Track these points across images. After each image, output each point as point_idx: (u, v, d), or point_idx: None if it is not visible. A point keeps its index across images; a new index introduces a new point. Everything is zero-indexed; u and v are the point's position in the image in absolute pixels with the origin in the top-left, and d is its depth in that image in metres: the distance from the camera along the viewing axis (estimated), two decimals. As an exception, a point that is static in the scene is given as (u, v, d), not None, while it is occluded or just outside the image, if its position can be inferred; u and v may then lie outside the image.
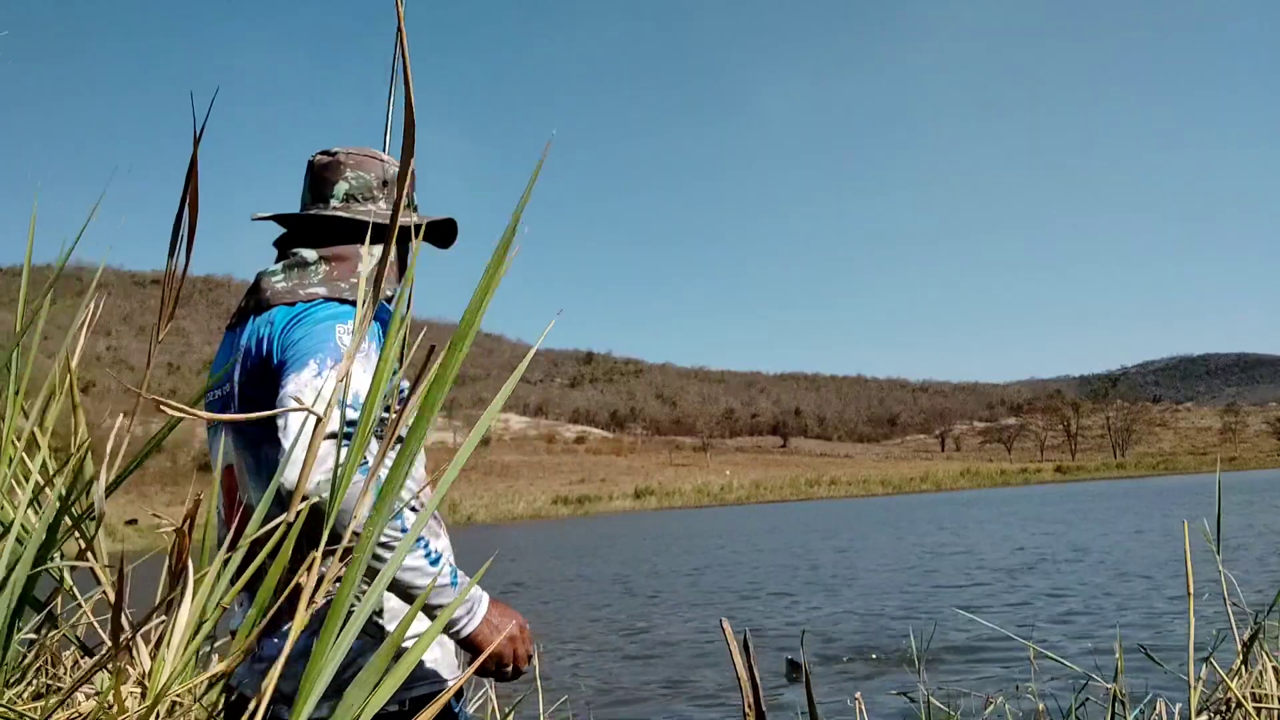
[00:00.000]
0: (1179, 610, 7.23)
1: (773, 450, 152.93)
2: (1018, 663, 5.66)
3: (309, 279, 1.24)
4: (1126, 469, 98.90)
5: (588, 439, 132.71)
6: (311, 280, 1.24)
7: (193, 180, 0.63)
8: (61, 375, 1.02)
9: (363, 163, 1.32)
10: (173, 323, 0.94)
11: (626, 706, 5.57)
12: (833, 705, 4.92)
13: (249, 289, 1.29)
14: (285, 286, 1.23)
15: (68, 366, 0.99)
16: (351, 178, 1.30)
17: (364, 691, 0.80)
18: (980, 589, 9.64)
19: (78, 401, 1.00)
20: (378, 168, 1.33)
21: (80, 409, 1.04)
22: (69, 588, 1.07)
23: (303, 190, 1.36)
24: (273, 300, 1.22)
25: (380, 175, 1.32)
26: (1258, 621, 2.19)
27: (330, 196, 1.30)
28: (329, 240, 1.29)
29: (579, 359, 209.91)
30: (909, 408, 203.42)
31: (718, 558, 16.90)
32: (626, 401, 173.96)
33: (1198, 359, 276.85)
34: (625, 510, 67.71)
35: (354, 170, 1.30)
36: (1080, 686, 2.67)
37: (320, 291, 1.21)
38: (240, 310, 1.31)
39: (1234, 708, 2.15)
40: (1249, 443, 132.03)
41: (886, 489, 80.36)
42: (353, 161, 1.31)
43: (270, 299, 1.23)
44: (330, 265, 1.26)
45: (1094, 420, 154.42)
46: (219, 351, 1.39)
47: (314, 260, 1.26)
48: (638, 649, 7.58)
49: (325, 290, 1.22)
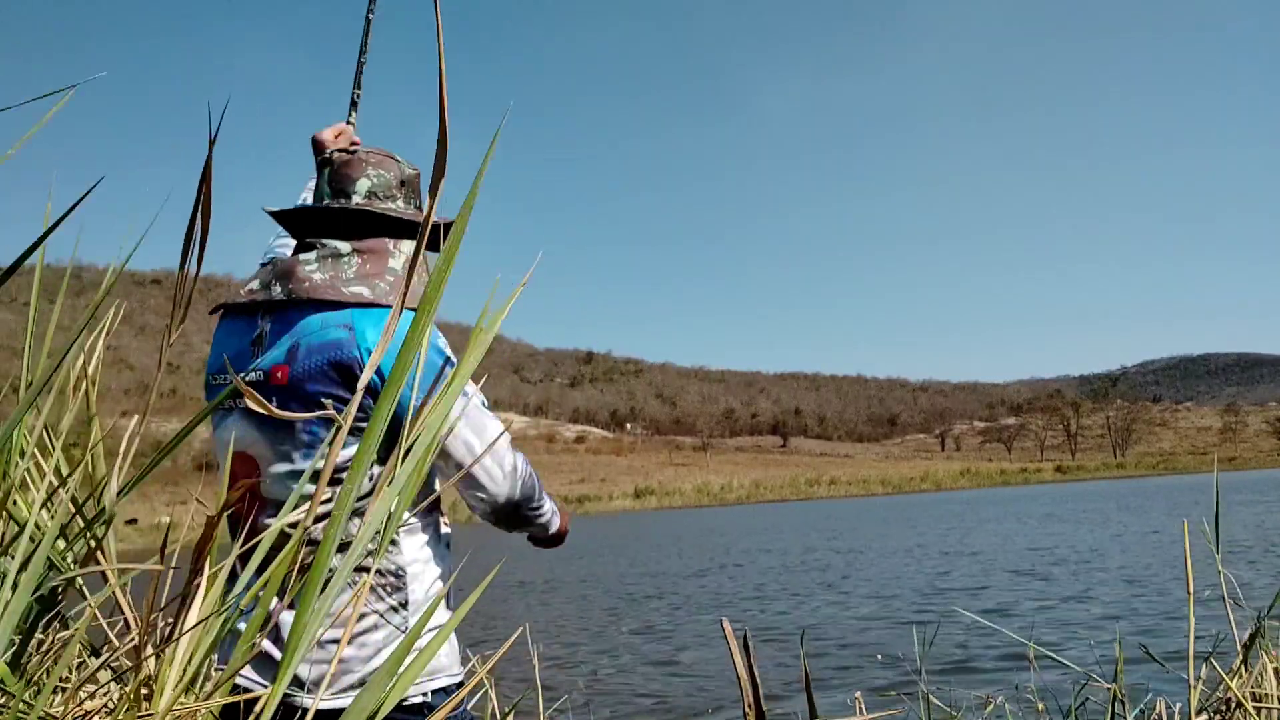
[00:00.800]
0: (1182, 610, 7.24)
1: (773, 450, 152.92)
2: (1018, 663, 5.67)
3: (344, 271, 1.28)
4: (1126, 469, 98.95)
5: (588, 439, 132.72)
6: (347, 273, 1.28)
7: (206, 185, 0.63)
8: (78, 378, 1.03)
9: (383, 162, 1.37)
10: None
11: (627, 706, 5.59)
12: (833, 705, 4.93)
13: (275, 272, 1.30)
14: (323, 279, 1.27)
15: (84, 368, 1.00)
16: (373, 175, 1.35)
17: (387, 680, 0.80)
18: (981, 589, 9.65)
19: (93, 400, 1.00)
20: (396, 168, 1.38)
21: (96, 411, 1.05)
22: (79, 586, 1.08)
23: (318, 184, 1.38)
24: (313, 293, 1.26)
25: (399, 175, 1.38)
26: (1259, 621, 2.19)
27: (353, 192, 1.34)
28: (355, 234, 1.33)
29: (579, 359, 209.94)
30: (909, 407, 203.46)
31: (720, 558, 16.92)
32: (626, 401, 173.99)
33: (1198, 359, 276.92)
34: (625, 510, 67.73)
35: (375, 169, 1.35)
36: (1080, 686, 2.68)
37: (363, 291, 1.26)
38: (262, 293, 1.31)
39: (1234, 708, 2.16)
40: (1249, 442, 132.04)
41: (886, 489, 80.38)
42: (374, 160, 1.36)
43: (309, 291, 1.26)
44: (362, 258, 1.30)
45: (1094, 420, 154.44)
46: (225, 334, 1.36)
47: (347, 252, 1.30)
48: (638, 648, 7.59)
49: (367, 290, 1.26)
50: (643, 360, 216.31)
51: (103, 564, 0.84)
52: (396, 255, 1.32)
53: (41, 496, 0.76)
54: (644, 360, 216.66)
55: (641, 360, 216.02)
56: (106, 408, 1.23)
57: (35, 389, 0.64)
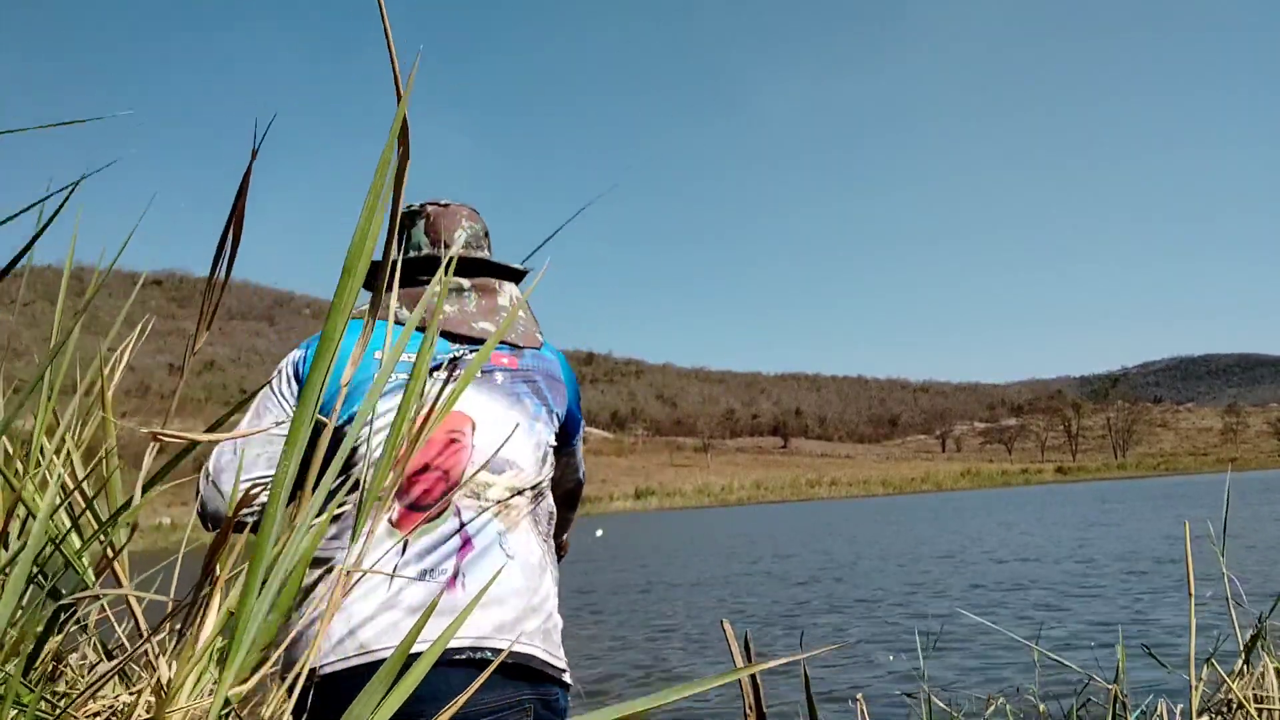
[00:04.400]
0: (1183, 611, 7.24)
1: (773, 451, 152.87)
2: (1019, 663, 5.68)
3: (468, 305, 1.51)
4: (1127, 469, 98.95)
5: (588, 439, 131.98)
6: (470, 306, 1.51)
7: (241, 201, 0.64)
8: (93, 382, 1.04)
9: (472, 215, 1.59)
10: (174, 323, 0.97)
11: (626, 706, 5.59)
12: (833, 704, 4.93)
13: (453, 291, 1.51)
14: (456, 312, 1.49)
15: (100, 370, 1.01)
16: (467, 227, 1.55)
17: (373, 699, 0.80)
18: (983, 589, 9.66)
19: (109, 402, 1.01)
20: (481, 221, 1.61)
21: (111, 414, 1.06)
22: (91, 584, 1.09)
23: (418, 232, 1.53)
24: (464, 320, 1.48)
25: (483, 227, 1.60)
26: (1260, 623, 2.20)
27: (451, 242, 1.52)
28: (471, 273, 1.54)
29: (579, 359, 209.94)
30: (909, 408, 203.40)
31: (720, 557, 16.92)
32: (627, 402, 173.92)
33: (1199, 359, 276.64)
34: (626, 510, 67.69)
35: (469, 221, 1.56)
36: (1081, 687, 2.69)
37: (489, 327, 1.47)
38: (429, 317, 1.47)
39: (1235, 709, 2.17)
40: (1250, 443, 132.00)
41: (887, 489, 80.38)
42: (465, 213, 1.57)
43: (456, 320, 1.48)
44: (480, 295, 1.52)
45: (1095, 421, 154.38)
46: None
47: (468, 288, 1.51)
48: (639, 649, 7.60)
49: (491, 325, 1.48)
50: (643, 361, 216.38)
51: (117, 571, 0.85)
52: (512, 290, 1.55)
53: (53, 491, 0.77)
54: (644, 361, 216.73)
55: (642, 361, 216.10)
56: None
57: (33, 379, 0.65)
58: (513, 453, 1.34)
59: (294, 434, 0.72)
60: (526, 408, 1.41)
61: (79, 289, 1.50)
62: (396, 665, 0.77)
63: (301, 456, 0.76)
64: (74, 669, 1.79)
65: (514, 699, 1.22)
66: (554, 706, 1.29)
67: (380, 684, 0.80)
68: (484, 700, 1.18)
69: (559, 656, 1.31)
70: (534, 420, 1.40)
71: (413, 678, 0.77)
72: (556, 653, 1.31)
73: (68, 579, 1.08)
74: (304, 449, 0.74)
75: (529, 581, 1.29)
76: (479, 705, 1.17)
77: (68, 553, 1.03)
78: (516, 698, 1.22)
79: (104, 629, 1.52)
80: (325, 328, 0.72)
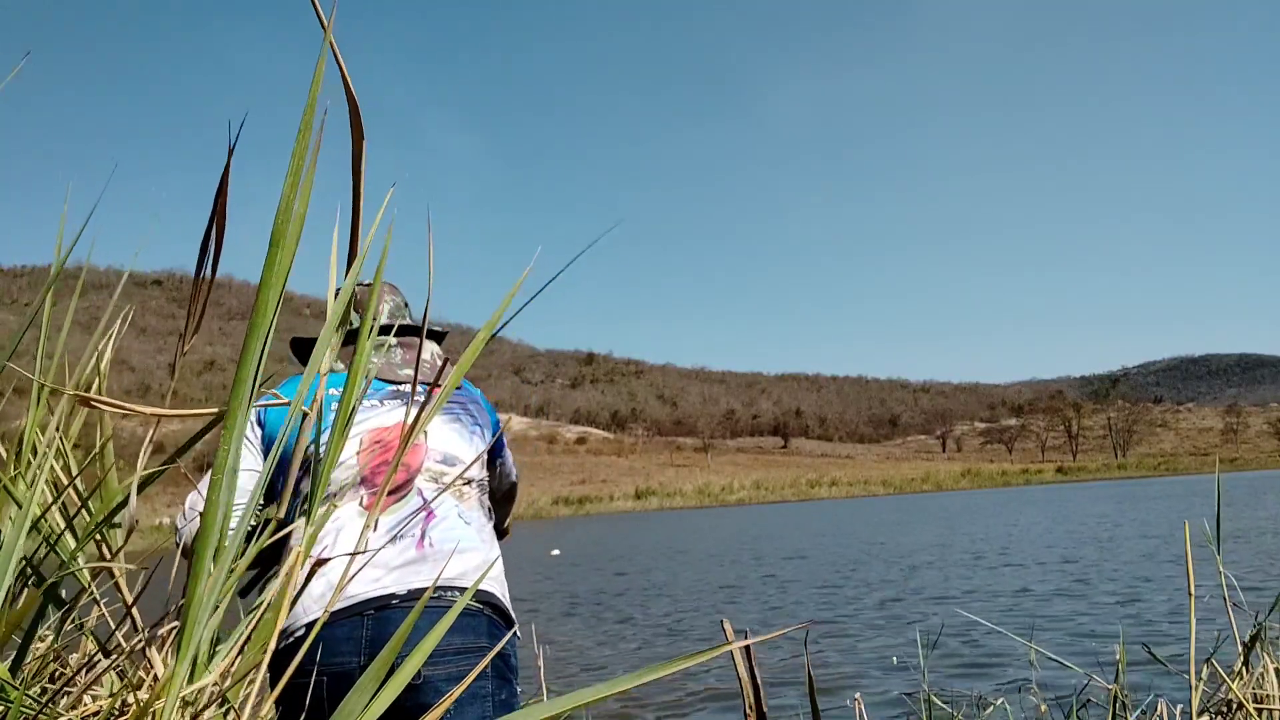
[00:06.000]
0: (1184, 611, 7.24)
1: (773, 451, 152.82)
2: (1020, 663, 5.67)
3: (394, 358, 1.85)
4: (1128, 470, 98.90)
5: (589, 440, 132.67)
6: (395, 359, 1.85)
7: (221, 200, 0.64)
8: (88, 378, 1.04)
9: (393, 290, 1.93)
10: (174, 323, 0.96)
11: (627, 705, 5.59)
12: (834, 705, 4.93)
13: (407, 341, 1.89)
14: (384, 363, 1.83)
15: (96, 367, 1.01)
16: (390, 300, 1.91)
17: (363, 697, 0.80)
18: (983, 589, 9.65)
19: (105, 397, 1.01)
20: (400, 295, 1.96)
21: (107, 412, 1.06)
22: (88, 584, 1.09)
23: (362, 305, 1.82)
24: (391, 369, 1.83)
25: (403, 299, 1.96)
26: (1260, 623, 2.20)
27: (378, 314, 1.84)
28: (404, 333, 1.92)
29: (580, 360, 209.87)
30: (910, 408, 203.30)
31: (720, 557, 16.92)
32: (627, 402, 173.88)
33: (1199, 359, 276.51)
34: (626, 510, 67.71)
35: (390, 295, 1.91)
36: (1082, 687, 2.68)
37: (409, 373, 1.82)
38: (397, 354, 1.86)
39: (1235, 709, 2.16)
40: (1250, 443, 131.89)
41: (888, 489, 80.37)
42: (387, 289, 1.92)
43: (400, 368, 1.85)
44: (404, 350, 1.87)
45: (1095, 421, 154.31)
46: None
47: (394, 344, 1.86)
48: (639, 649, 7.60)
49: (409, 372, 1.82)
50: (644, 361, 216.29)
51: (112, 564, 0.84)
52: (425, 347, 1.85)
53: (40, 485, 0.76)
54: (645, 361, 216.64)
55: (642, 361, 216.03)
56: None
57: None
58: (459, 451, 1.68)
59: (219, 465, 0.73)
60: (464, 424, 1.77)
61: (79, 290, 1.50)
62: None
63: (234, 488, 0.77)
64: (72, 668, 1.79)
65: (474, 644, 1.43)
66: (509, 662, 1.53)
67: (374, 676, 0.80)
68: (450, 643, 1.39)
69: (509, 604, 1.57)
70: (471, 433, 1.75)
71: (415, 615, 0.80)
72: (508, 601, 1.56)
73: (68, 580, 1.08)
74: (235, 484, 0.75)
75: (484, 541, 1.58)
76: (446, 647, 1.38)
77: (62, 553, 1.02)
78: (476, 644, 1.43)
79: (103, 629, 1.52)
80: (256, 302, 0.73)
